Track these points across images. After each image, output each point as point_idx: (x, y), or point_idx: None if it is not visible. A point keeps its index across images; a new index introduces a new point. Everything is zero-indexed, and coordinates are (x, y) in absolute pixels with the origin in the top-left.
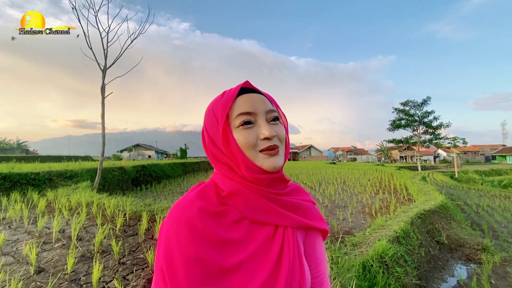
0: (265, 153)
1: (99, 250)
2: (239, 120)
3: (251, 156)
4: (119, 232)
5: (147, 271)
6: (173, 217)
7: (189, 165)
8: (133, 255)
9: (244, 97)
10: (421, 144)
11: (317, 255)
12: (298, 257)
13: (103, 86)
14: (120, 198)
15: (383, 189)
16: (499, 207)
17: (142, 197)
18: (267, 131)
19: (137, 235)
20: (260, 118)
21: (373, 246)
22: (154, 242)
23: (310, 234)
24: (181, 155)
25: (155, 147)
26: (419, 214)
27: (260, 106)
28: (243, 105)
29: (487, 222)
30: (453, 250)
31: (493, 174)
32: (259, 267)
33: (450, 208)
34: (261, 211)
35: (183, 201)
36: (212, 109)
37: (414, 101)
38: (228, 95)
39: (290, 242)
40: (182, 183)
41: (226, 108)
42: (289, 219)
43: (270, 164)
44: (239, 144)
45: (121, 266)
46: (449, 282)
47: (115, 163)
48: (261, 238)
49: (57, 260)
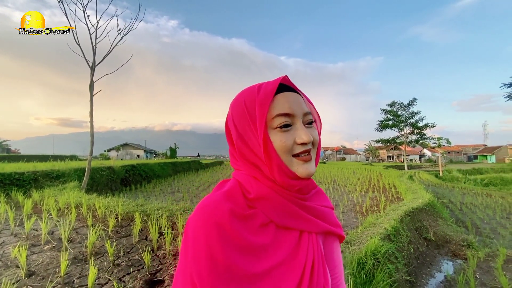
0: (300, 158)
1: (92, 252)
2: (278, 121)
3: (286, 161)
4: (112, 233)
5: (143, 272)
6: (201, 218)
7: (179, 165)
8: (128, 256)
9: (283, 96)
10: (407, 144)
11: (334, 258)
12: (322, 262)
13: (92, 83)
14: (111, 198)
15: (372, 188)
16: (481, 205)
17: (132, 197)
18: (305, 135)
19: (131, 236)
20: (298, 120)
21: (365, 243)
22: (149, 243)
23: (329, 238)
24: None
25: (144, 146)
26: (408, 212)
27: (298, 107)
28: (282, 105)
29: (471, 219)
30: (440, 247)
31: (475, 173)
32: (288, 273)
33: (436, 206)
34: (288, 216)
35: (211, 202)
36: (245, 103)
37: (401, 102)
38: (265, 90)
39: (315, 247)
40: (172, 182)
41: (265, 106)
42: (314, 224)
43: (304, 170)
44: (276, 147)
45: (116, 268)
46: (437, 278)
47: (103, 162)
48: (288, 243)
49: (48, 263)
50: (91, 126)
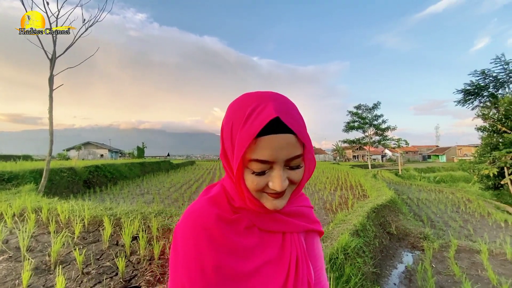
0: (270, 195)
1: (57, 260)
2: (254, 166)
3: (256, 195)
4: (78, 240)
5: (116, 279)
6: (189, 224)
7: (148, 165)
8: (98, 263)
9: (267, 140)
10: (371, 145)
11: (315, 252)
12: (305, 259)
13: (51, 77)
14: (75, 202)
15: (340, 186)
16: (435, 200)
17: (97, 200)
18: (278, 186)
19: (99, 242)
20: (278, 166)
21: (337, 239)
22: (121, 248)
23: (310, 235)
24: (138, 154)
25: (108, 145)
26: (373, 209)
27: (282, 154)
28: (262, 151)
29: (426, 214)
30: (401, 240)
31: (429, 171)
32: (276, 270)
33: (397, 202)
34: (270, 222)
35: (198, 208)
36: (232, 127)
37: (366, 105)
38: (249, 129)
39: (298, 246)
40: (141, 184)
41: (243, 148)
42: (295, 226)
43: (271, 205)
44: (247, 185)
45: (85, 277)
46: (399, 269)
47: (63, 163)
48: (273, 243)
49: (6, 275)
50: (51, 124)
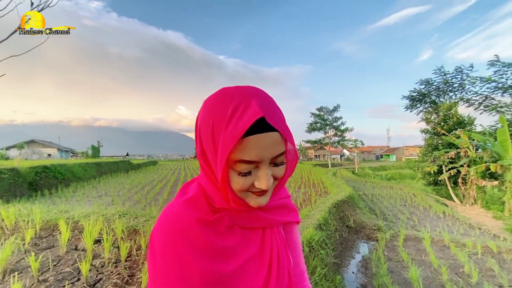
0: (255, 193)
1: (5, 269)
2: (240, 167)
3: (240, 194)
4: (29, 246)
5: (79, 284)
6: (167, 228)
7: (105, 165)
8: (56, 269)
9: (253, 140)
10: (331, 145)
11: (294, 240)
12: (285, 249)
13: None
14: (23, 205)
15: (304, 184)
16: (386, 195)
17: (46, 204)
18: (264, 184)
19: (55, 247)
20: (263, 165)
21: (302, 233)
22: (81, 252)
23: (288, 225)
24: (93, 154)
25: (57, 144)
26: (334, 204)
27: (268, 152)
28: (248, 152)
29: (379, 208)
30: (358, 232)
31: (381, 170)
32: (258, 265)
33: (355, 198)
34: (250, 219)
35: (176, 211)
36: (212, 127)
37: (327, 108)
38: (234, 129)
39: (277, 238)
40: (97, 185)
41: (228, 150)
42: (273, 221)
43: (256, 203)
44: (232, 186)
45: (42, 284)
46: (356, 258)
47: (3, 163)
48: (255, 239)
49: None
50: None
